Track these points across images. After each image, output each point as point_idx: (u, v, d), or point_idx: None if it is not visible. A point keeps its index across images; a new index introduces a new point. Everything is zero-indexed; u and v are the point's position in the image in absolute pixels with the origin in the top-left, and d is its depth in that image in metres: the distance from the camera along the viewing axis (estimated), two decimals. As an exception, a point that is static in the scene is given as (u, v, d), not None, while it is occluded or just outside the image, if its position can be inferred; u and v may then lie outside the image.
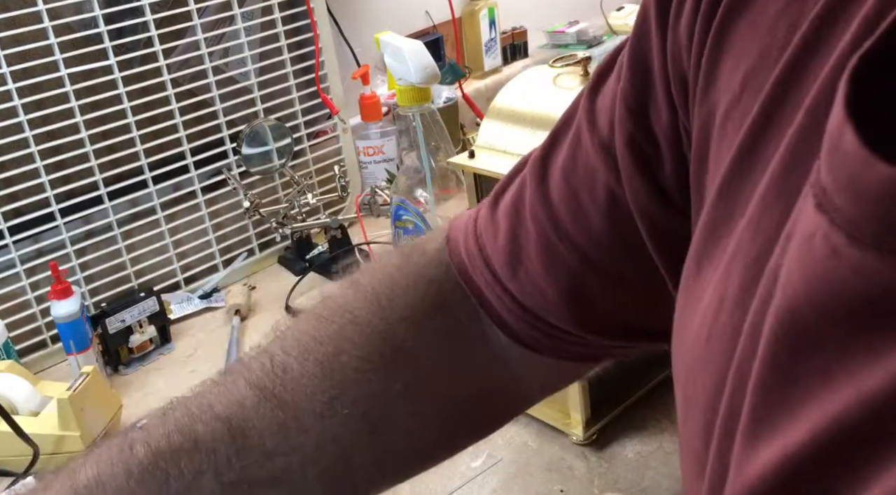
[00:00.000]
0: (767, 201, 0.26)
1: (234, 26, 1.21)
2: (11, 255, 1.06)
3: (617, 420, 0.84)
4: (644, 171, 0.36)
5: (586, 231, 0.40)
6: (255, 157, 1.21)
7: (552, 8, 1.82)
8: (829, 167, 0.23)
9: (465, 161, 0.79)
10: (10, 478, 0.84)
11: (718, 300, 0.28)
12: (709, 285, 0.29)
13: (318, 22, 1.27)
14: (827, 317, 0.23)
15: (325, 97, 1.31)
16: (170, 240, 1.20)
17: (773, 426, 0.24)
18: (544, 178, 0.41)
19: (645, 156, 0.36)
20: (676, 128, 0.34)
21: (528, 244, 0.42)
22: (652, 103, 0.35)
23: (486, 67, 1.67)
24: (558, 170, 0.41)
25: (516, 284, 0.43)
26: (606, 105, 0.38)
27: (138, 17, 1.11)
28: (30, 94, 1.04)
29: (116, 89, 1.10)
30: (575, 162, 0.40)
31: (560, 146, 0.41)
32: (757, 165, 0.27)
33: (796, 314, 0.24)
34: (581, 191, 0.39)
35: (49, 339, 1.09)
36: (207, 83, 1.19)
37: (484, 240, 0.44)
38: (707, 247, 0.30)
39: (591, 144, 0.39)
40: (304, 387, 0.43)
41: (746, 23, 0.29)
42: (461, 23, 1.64)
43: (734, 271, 0.27)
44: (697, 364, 0.29)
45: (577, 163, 0.40)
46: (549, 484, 0.77)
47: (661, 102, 0.34)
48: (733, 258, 0.28)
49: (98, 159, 1.10)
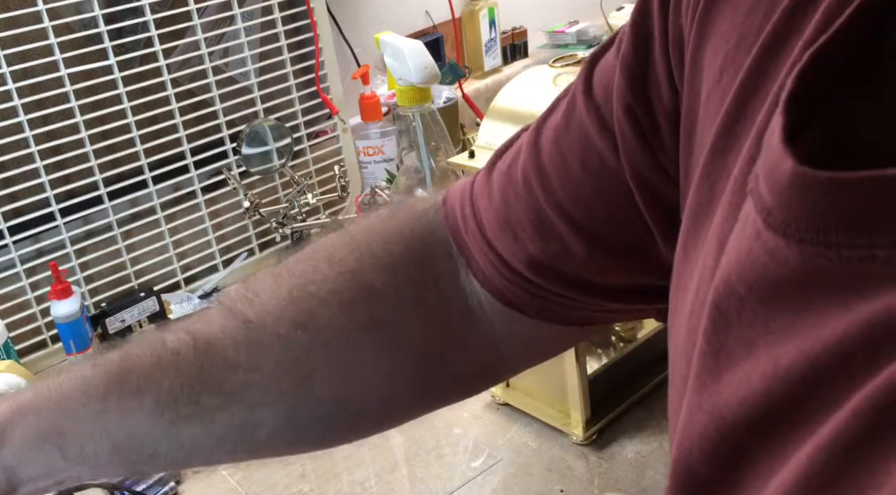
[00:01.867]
0: (738, 185, 0.27)
1: (234, 26, 1.21)
2: (11, 255, 1.06)
3: (617, 420, 0.84)
4: (643, 143, 0.36)
5: (575, 195, 0.40)
6: (255, 157, 1.21)
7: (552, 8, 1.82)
8: (762, 157, 0.25)
9: (465, 161, 0.79)
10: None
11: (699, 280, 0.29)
12: (695, 268, 0.30)
13: (318, 22, 1.27)
14: (752, 294, 0.25)
15: (325, 97, 1.31)
16: (170, 240, 1.20)
17: (709, 395, 0.26)
18: (537, 143, 0.42)
19: (643, 128, 0.36)
20: (677, 106, 0.34)
21: (518, 207, 0.42)
22: (651, 79, 0.35)
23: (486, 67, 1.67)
24: (550, 135, 0.41)
25: (506, 246, 0.43)
26: (604, 75, 0.38)
27: (138, 17, 1.11)
28: (30, 93, 1.04)
29: (116, 89, 1.10)
30: (567, 127, 0.40)
31: (555, 112, 0.42)
32: (733, 149, 0.28)
33: (729, 289, 0.26)
34: (571, 156, 0.40)
35: (49, 339, 1.09)
36: (207, 83, 1.19)
37: (477, 202, 0.45)
38: (692, 230, 0.31)
39: (585, 111, 0.39)
40: (270, 309, 0.45)
41: (729, 6, 0.30)
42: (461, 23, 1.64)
43: (710, 252, 0.29)
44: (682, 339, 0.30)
45: (570, 129, 0.40)
46: (549, 484, 0.77)
47: (662, 80, 0.35)
48: (711, 239, 0.29)
49: (98, 159, 1.10)
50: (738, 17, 0.29)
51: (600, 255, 0.40)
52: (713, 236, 0.28)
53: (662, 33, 0.34)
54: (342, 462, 0.84)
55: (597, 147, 0.38)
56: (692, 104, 0.32)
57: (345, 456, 0.85)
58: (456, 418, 0.88)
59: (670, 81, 0.34)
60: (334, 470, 0.83)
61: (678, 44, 0.33)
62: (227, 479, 0.84)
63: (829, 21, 0.24)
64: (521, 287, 0.43)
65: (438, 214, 0.47)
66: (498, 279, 0.44)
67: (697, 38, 0.31)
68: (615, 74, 0.37)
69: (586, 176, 0.39)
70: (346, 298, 0.45)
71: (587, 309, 0.44)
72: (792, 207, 0.23)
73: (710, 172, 0.29)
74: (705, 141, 0.30)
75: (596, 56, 0.40)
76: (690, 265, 0.30)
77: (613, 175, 0.38)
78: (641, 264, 0.40)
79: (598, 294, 0.43)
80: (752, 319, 0.25)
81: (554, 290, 0.43)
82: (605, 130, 0.38)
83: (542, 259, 0.42)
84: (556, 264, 0.42)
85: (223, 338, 0.44)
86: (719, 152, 0.29)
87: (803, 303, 0.23)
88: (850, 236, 0.22)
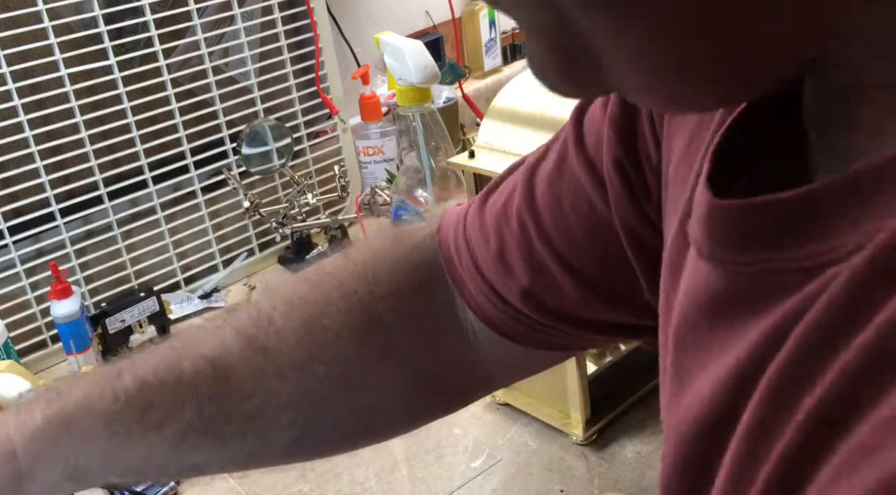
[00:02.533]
0: (673, 262, 0.33)
1: (234, 26, 1.21)
2: (11, 255, 1.06)
3: (617, 420, 0.84)
4: (630, 194, 0.39)
5: (567, 237, 0.43)
6: (255, 157, 1.21)
7: (552, 8, 1.82)
8: (695, 203, 0.29)
9: (465, 161, 0.79)
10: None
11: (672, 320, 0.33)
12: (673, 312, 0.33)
13: (318, 22, 1.27)
14: (700, 319, 0.29)
15: (325, 97, 1.31)
16: (170, 240, 1.20)
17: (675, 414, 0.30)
18: (531, 185, 0.44)
19: (631, 180, 0.39)
20: (659, 157, 0.37)
21: (512, 244, 0.45)
22: (639, 135, 0.38)
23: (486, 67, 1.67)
24: (544, 179, 0.44)
25: (500, 279, 0.45)
26: (593, 126, 0.41)
27: (138, 17, 1.11)
28: (30, 93, 1.04)
29: (116, 89, 1.10)
30: (560, 175, 0.43)
31: (547, 158, 0.44)
32: None
33: (683, 319, 0.30)
34: (564, 201, 0.43)
35: (49, 339, 1.09)
36: (207, 83, 1.19)
37: (470, 235, 0.47)
38: (669, 282, 0.34)
39: (576, 161, 0.42)
40: (286, 340, 0.46)
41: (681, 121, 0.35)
42: (461, 23, 1.64)
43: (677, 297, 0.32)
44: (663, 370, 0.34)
45: (563, 177, 0.43)
46: (549, 484, 0.77)
47: (648, 136, 0.38)
48: (669, 299, 0.33)
49: (98, 159, 1.10)
50: (689, 125, 0.34)
51: (589, 294, 0.43)
52: (682, 283, 0.32)
53: None
54: (342, 462, 0.84)
55: (588, 195, 0.41)
56: (665, 165, 0.36)
57: (345, 456, 0.85)
58: (456, 418, 0.88)
59: (655, 138, 0.37)
60: (334, 470, 0.83)
61: None
62: (227, 479, 0.84)
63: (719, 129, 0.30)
64: (513, 317, 0.46)
65: (434, 242, 0.49)
66: (491, 309, 0.46)
67: None
68: (604, 128, 0.39)
69: (578, 220, 0.42)
70: (358, 330, 0.47)
71: (575, 338, 0.47)
72: (714, 235, 0.28)
73: (680, 234, 0.32)
74: (678, 200, 0.33)
75: (583, 107, 0.42)
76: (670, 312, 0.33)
77: (603, 221, 0.41)
78: (626, 305, 0.43)
79: (587, 327, 0.45)
80: (703, 341, 0.29)
81: (544, 322, 0.45)
82: (597, 181, 0.41)
83: (534, 293, 0.44)
84: (548, 299, 0.44)
85: (241, 366, 0.45)
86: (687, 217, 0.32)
87: (736, 318, 0.27)
88: (752, 253, 0.26)
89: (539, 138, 0.74)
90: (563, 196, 0.43)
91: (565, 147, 0.43)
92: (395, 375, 0.48)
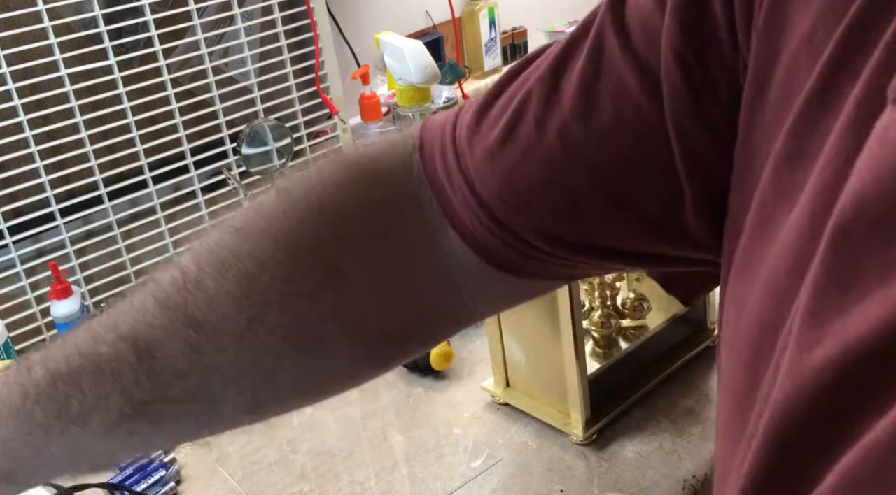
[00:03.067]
0: (844, 137, 0.26)
1: (234, 26, 1.21)
2: (11, 255, 1.06)
3: (617, 420, 0.84)
4: (694, 95, 0.33)
5: (603, 152, 0.36)
6: (255, 157, 1.21)
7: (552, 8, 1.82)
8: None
9: (465, 161, 0.80)
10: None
11: (798, 225, 0.27)
12: (782, 220, 0.28)
13: (318, 22, 1.27)
14: (893, 206, 0.22)
15: (325, 97, 1.31)
16: (170, 239, 1.20)
17: (829, 324, 0.24)
18: (556, 91, 0.37)
19: (695, 80, 0.33)
20: (735, 53, 0.32)
21: (529, 167, 0.38)
22: (708, 28, 0.32)
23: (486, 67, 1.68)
24: (574, 84, 0.37)
25: (507, 211, 0.39)
26: (642, 15, 0.35)
27: (138, 17, 1.11)
28: (30, 93, 1.04)
29: (116, 89, 1.10)
30: (597, 73, 0.36)
31: (575, 57, 0.37)
32: (835, 102, 0.27)
33: (861, 210, 0.23)
34: (601, 108, 0.36)
35: (49, 339, 1.09)
36: (207, 83, 1.19)
37: (464, 156, 0.40)
38: (780, 182, 0.29)
39: (620, 54, 0.35)
40: (220, 306, 0.40)
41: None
42: (461, 23, 1.64)
43: (807, 203, 0.27)
44: (760, 306, 0.28)
45: (601, 75, 0.36)
46: (549, 484, 0.77)
47: (723, 30, 0.32)
48: (807, 192, 0.27)
49: (98, 159, 1.10)
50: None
51: (622, 220, 0.37)
52: (813, 189, 0.26)
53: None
54: (342, 462, 0.84)
55: (635, 99, 0.35)
56: (769, 58, 0.30)
57: (345, 455, 0.85)
58: (456, 418, 0.88)
59: (732, 33, 0.32)
60: (334, 470, 0.83)
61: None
62: (227, 479, 0.84)
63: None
64: (518, 250, 0.40)
65: (413, 162, 0.42)
66: (489, 242, 0.40)
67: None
68: (661, 18, 0.34)
69: (619, 129, 0.35)
70: (306, 288, 0.40)
71: (584, 267, 0.42)
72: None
73: (803, 126, 0.28)
74: (791, 95, 0.28)
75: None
76: (773, 220, 0.28)
77: (652, 129, 0.34)
78: (663, 232, 0.37)
79: (606, 257, 0.40)
80: (891, 239, 0.23)
81: (556, 254, 0.40)
82: (646, 75, 0.34)
83: (552, 227, 0.39)
84: (569, 232, 0.39)
85: (169, 343, 0.39)
86: (817, 105, 0.27)
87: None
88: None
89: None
90: (600, 101, 0.36)
91: (600, 44, 0.36)
92: (355, 332, 0.42)
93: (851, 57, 0.26)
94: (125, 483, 0.83)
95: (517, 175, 0.38)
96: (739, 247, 0.31)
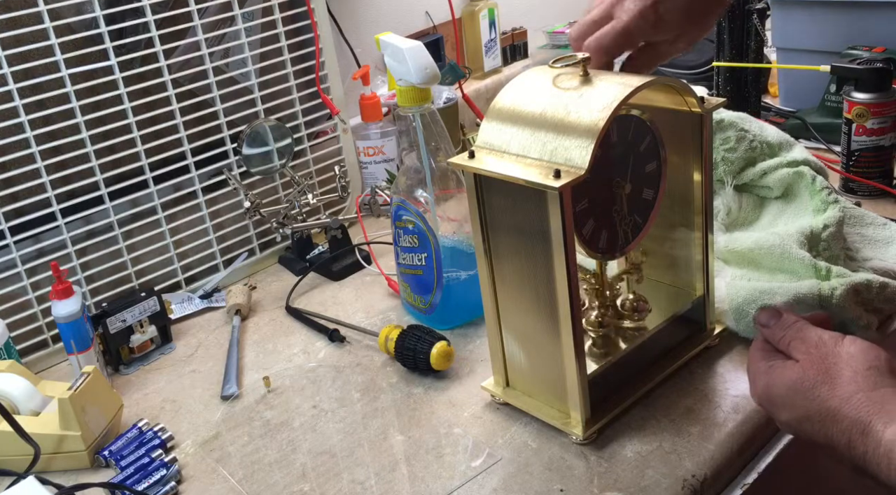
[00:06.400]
0: None
1: (235, 27, 1.21)
2: (12, 255, 1.06)
3: (617, 420, 0.84)
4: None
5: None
6: (255, 158, 1.21)
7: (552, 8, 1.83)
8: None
9: (465, 161, 0.80)
10: (11, 478, 0.85)
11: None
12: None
13: (319, 22, 1.28)
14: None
15: (326, 97, 1.31)
16: (170, 240, 1.20)
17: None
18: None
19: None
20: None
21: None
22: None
23: (486, 68, 1.68)
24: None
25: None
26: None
27: (139, 18, 1.12)
28: (31, 94, 1.04)
29: (117, 90, 1.11)
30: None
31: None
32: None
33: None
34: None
35: (50, 339, 1.10)
36: (208, 83, 1.19)
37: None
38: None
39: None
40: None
41: None
42: (461, 23, 1.64)
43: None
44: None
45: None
46: (548, 484, 0.77)
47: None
48: None
49: (99, 159, 1.11)
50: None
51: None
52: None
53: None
54: (342, 461, 0.84)
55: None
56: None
57: (345, 455, 0.85)
58: (456, 418, 0.88)
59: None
60: (334, 470, 0.83)
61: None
62: (227, 479, 0.84)
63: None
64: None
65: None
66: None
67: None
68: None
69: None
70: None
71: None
72: None
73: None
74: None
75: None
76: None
77: None
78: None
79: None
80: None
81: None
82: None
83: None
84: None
85: None
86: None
87: None
88: None
89: (539, 138, 0.74)
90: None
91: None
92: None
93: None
94: (125, 483, 0.83)
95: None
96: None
